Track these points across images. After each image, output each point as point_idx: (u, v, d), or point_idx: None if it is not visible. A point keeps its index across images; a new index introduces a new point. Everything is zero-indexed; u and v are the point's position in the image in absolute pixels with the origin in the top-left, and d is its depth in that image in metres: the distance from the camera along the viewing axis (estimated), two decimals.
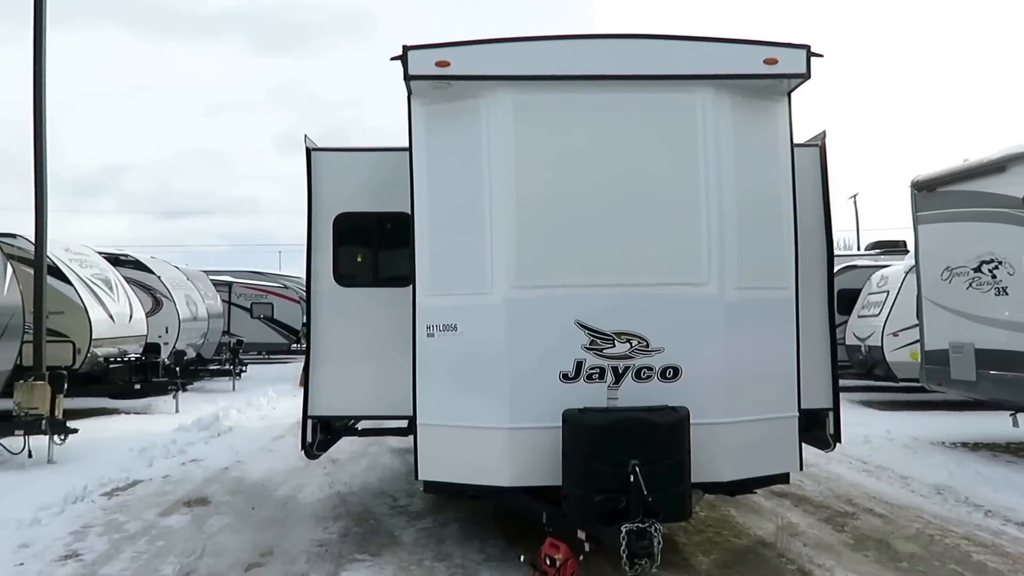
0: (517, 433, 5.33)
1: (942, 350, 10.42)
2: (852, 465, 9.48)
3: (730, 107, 5.52)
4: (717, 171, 5.45)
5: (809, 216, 6.56)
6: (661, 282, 5.39)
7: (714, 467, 5.37)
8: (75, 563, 5.89)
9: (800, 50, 5.48)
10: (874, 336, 15.59)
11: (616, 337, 5.36)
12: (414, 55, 5.42)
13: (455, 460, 5.59)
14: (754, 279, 5.55)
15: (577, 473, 4.97)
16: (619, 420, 4.98)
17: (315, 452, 6.78)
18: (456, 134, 5.59)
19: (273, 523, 6.95)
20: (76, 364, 12.25)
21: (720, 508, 7.31)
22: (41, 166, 10.84)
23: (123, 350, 13.76)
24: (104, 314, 13.06)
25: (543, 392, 5.29)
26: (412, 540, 6.40)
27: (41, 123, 10.85)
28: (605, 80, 5.46)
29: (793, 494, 7.96)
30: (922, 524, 6.85)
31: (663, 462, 4.88)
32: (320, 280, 6.63)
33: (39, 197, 10.75)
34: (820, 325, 6.56)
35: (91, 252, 14.54)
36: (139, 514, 7.19)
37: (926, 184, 10.80)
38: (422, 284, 5.65)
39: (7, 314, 9.44)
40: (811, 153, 6.69)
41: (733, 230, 5.46)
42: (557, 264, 5.40)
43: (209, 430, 11.43)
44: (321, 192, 6.64)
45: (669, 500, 4.86)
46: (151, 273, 16.62)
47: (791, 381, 5.68)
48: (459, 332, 5.52)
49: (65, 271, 12.54)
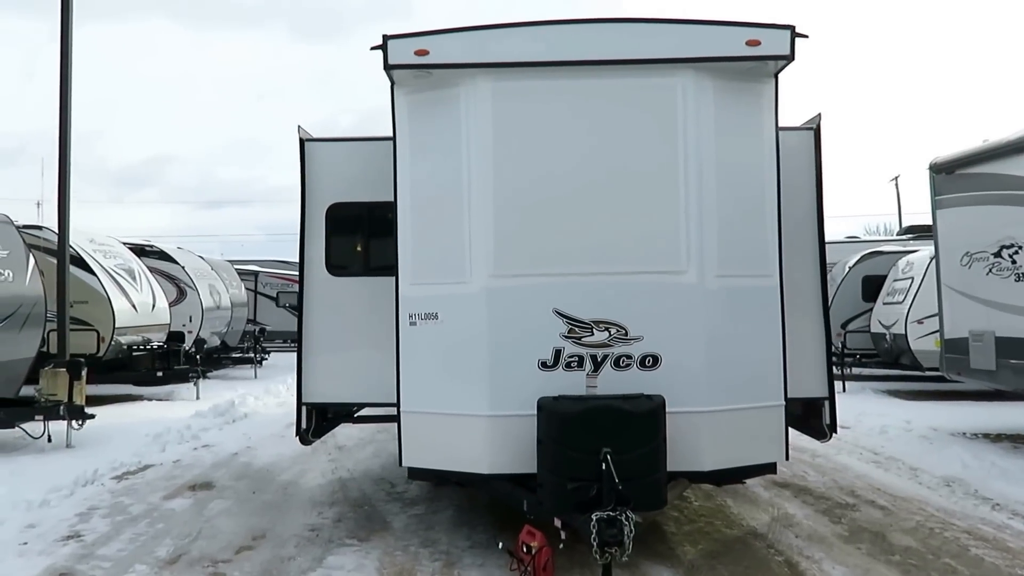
0: (496, 421, 5.36)
1: (962, 338, 10.17)
2: (862, 456, 9.33)
3: (712, 91, 5.44)
4: (697, 156, 5.39)
5: (802, 201, 6.47)
6: (640, 270, 5.36)
7: (695, 456, 5.34)
8: (75, 543, 6.08)
9: (784, 31, 5.37)
10: (898, 324, 15.29)
11: (595, 325, 5.34)
12: (393, 44, 5.44)
13: (438, 447, 5.64)
14: (736, 267, 5.48)
15: (550, 461, 4.98)
16: (592, 408, 4.97)
17: (310, 438, 6.88)
18: (437, 122, 5.60)
19: (271, 508, 7.09)
20: (100, 352, 12.60)
21: (716, 498, 7.26)
22: (64, 159, 11.14)
23: (146, 338, 14.10)
24: (127, 303, 13.39)
25: (522, 380, 5.30)
26: (402, 526, 6.48)
27: (66, 117, 11.14)
28: (584, 65, 5.42)
29: (795, 484, 7.88)
30: (923, 517, 6.72)
31: (636, 450, 4.86)
32: (313, 270, 6.71)
33: (62, 189, 11.05)
34: (813, 312, 6.46)
35: (116, 243, 14.89)
36: (144, 497, 7.39)
37: (944, 166, 10.52)
38: (404, 273, 5.70)
39: (29, 303, 9.73)
40: (805, 137, 6.57)
41: (713, 217, 5.40)
42: (536, 252, 5.40)
43: (224, 416, 11.66)
44: (314, 182, 6.71)
45: (642, 488, 4.84)
46: (175, 263, 16.97)
47: (776, 370, 5.61)
48: (440, 321, 5.56)
49: (89, 261, 12.87)
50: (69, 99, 11.04)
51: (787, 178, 6.34)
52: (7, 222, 9.97)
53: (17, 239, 9.93)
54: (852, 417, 11.96)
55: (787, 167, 6.37)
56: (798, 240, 6.39)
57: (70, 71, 11.04)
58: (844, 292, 18.74)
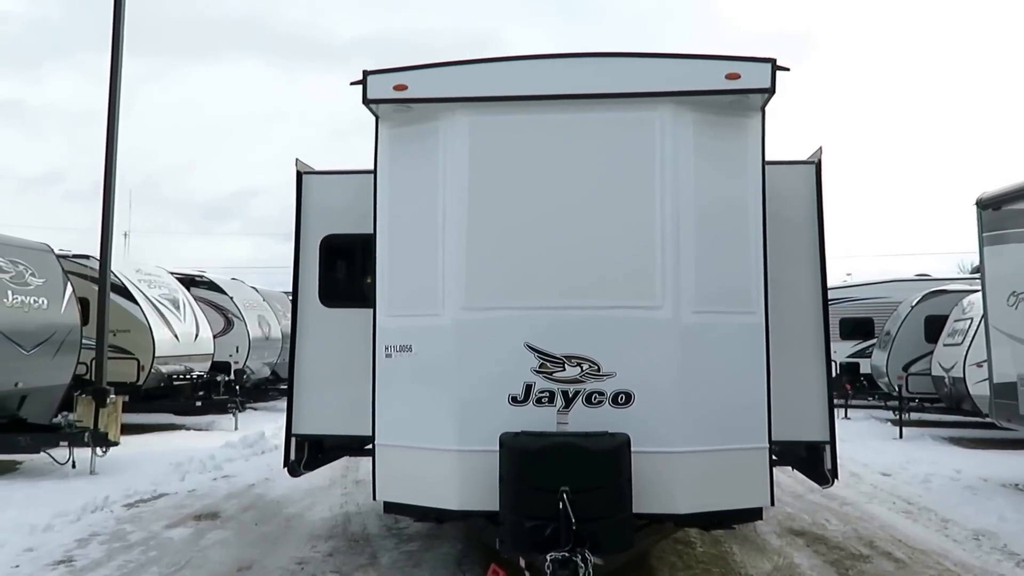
0: (465, 456, 5.26)
1: (1010, 383, 9.57)
2: (894, 506, 8.81)
3: (692, 124, 5.32)
4: (675, 191, 5.25)
5: (803, 237, 6.23)
6: (613, 305, 5.22)
7: (669, 498, 5.12)
8: (65, 568, 6.21)
9: (764, 64, 5.23)
10: (957, 367, 14.51)
11: (567, 360, 5.22)
12: (373, 79, 5.51)
13: (411, 481, 5.57)
14: (715, 303, 5.29)
15: (510, 498, 4.85)
16: (551, 445, 4.83)
17: (300, 470, 6.89)
18: (416, 156, 5.63)
19: (267, 539, 7.11)
20: (140, 380, 13.02)
21: (723, 544, 6.95)
22: (109, 191, 11.63)
23: (188, 368, 14.52)
24: (168, 333, 13.84)
25: (492, 415, 5.20)
26: (390, 562, 6.41)
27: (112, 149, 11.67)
28: (562, 100, 5.37)
29: (811, 532, 7.49)
30: (937, 572, 6.28)
31: (597, 490, 4.70)
32: (306, 300, 6.78)
33: (105, 220, 11.52)
34: (813, 352, 6.16)
35: (163, 273, 15.46)
36: (147, 525, 7.51)
37: (991, 202, 10.01)
38: (381, 305, 5.70)
39: (64, 331, 10.15)
40: (806, 171, 6.35)
41: (691, 252, 5.24)
42: (508, 286, 5.33)
43: (253, 448, 11.82)
44: (310, 214, 6.81)
45: (604, 530, 4.66)
46: (224, 294, 17.48)
47: (759, 411, 5.35)
48: (414, 353, 5.52)
49: (133, 291, 13.38)
50: (115, 137, 11.55)
51: (786, 213, 6.16)
52: (47, 251, 10.45)
53: (56, 268, 10.40)
54: (898, 465, 11.38)
55: (786, 202, 6.18)
56: (797, 277, 6.15)
57: (117, 110, 11.56)
58: (906, 333, 17.97)
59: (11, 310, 9.37)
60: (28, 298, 9.70)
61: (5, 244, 9.82)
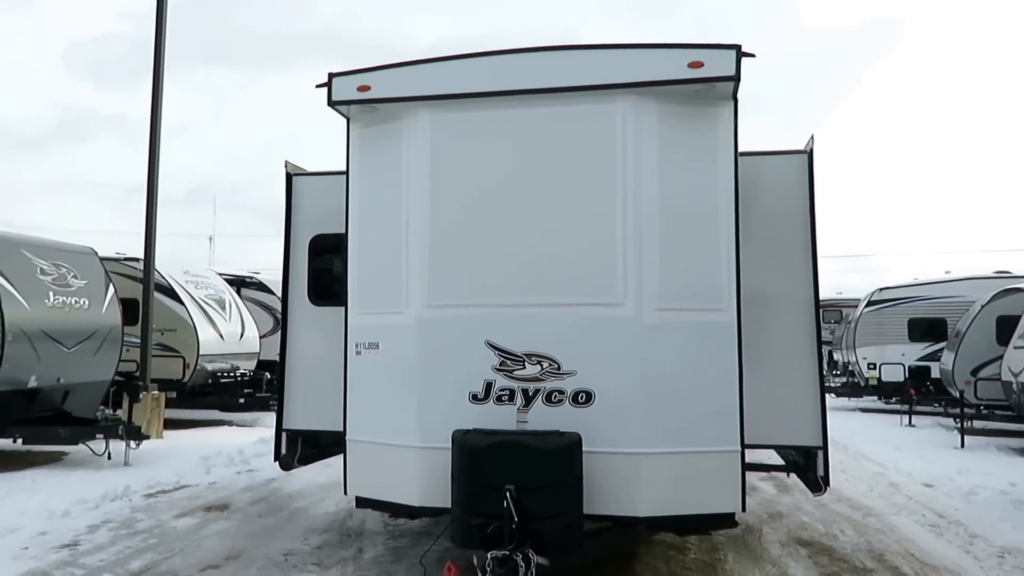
0: (425, 453, 5.26)
1: None
2: (923, 519, 8.32)
3: (656, 116, 5.18)
4: (637, 184, 5.12)
5: (793, 231, 5.98)
6: (574, 302, 5.13)
7: (628, 500, 4.99)
8: (68, 551, 6.51)
9: (729, 51, 5.04)
10: None
11: (527, 358, 5.15)
12: (337, 81, 5.59)
13: (377, 477, 5.61)
14: (680, 300, 5.12)
15: (460, 495, 4.83)
16: (498, 443, 4.78)
17: (293, 464, 7.02)
18: (383, 155, 5.67)
19: (265, 531, 7.27)
20: (185, 378, 13.54)
21: (718, 552, 6.72)
22: (152, 196, 12.19)
23: (234, 366, 15.00)
24: (213, 332, 14.32)
25: (452, 412, 5.19)
26: (371, 557, 6.45)
27: (155, 157, 12.22)
28: (522, 95, 5.32)
29: (819, 543, 7.15)
30: None
31: (542, 489, 4.61)
32: (295, 299, 6.91)
33: (149, 224, 12.08)
34: (805, 353, 5.89)
35: (211, 274, 16.02)
36: (158, 515, 7.79)
37: None
38: (352, 303, 5.76)
39: (104, 330, 10.64)
40: (797, 161, 6.08)
41: (654, 247, 5.09)
42: (470, 283, 5.30)
43: None
44: (299, 215, 6.95)
45: (548, 529, 4.58)
46: (273, 294, 17.95)
47: (730, 412, 5.15)
48: (380, 350, 5.56)
49: (179, 291, 13.91)
50: (158, 146, 12.11)
51: (774, 205, 5.94)
52: (90, 254, 10.98)
53: (99, 270, 10.91)
54: (946, 475, 10.74)
55: (775, 193, 5.97)
56: (786, 272, 5.90)
57: (159, 122, 12.13)
58: (975, 334, 16.84)
59: (52, 310, 9.88)
60: (69, 299, 10.21)
61: (49, 248, 10.37)
